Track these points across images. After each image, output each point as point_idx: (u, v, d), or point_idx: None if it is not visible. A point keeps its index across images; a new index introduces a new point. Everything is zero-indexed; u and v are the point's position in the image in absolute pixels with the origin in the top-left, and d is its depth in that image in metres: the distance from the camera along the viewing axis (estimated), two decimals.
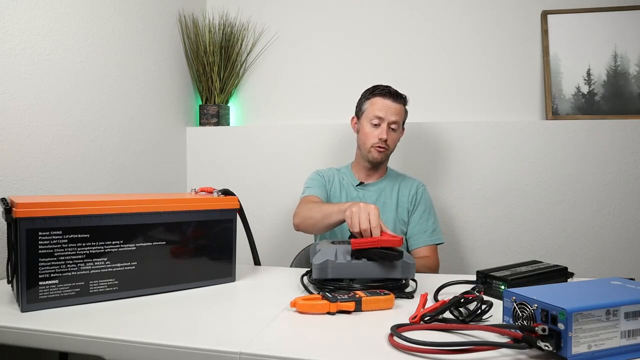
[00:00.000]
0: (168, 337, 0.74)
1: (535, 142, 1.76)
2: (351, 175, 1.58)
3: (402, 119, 1.50)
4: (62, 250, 0.89)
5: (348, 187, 1.55)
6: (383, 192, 1.53)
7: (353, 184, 1.56)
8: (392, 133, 1.47)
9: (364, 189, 1.54)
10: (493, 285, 0.98)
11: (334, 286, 0.97)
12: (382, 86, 1.50)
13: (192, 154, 2.06)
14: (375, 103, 1.46)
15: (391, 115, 1.45)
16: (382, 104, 1.45)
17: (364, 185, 1.55)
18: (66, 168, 1.39)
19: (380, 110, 1.45)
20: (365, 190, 1.54)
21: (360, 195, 1.53)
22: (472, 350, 0.66)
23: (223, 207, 1.10)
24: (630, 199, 1.70)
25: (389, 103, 1.45)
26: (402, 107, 1.49)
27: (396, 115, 1.46)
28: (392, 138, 1.48)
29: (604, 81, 1.78)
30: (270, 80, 2.12)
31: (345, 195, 1.53)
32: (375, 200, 1.51)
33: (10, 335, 0.80)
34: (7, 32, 1.20)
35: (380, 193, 1.53)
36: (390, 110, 1.45)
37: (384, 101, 1.46)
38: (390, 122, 1.45)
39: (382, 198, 1.52)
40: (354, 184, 1.55)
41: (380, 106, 1.45)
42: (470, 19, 1.94)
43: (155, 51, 1.81)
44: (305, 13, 2.09)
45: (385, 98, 1.46)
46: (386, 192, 1.53)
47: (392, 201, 1.52)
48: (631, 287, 0.74)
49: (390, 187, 1.54)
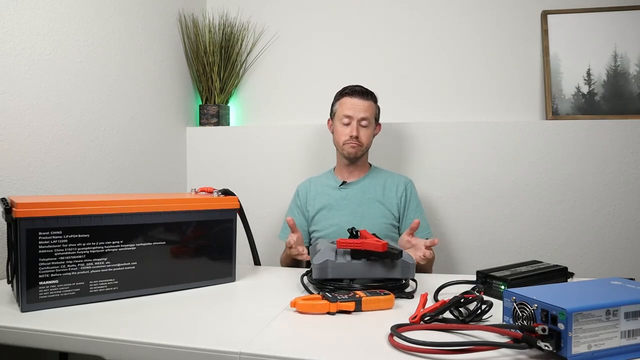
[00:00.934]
0: (168, 337, 0.74)
1: (535, 142, 1.76)
2: (333, 178, 1.61)
3: (372, 115, 1.54)
4: (62, 250, 0.89)
5: (328, 191, 1.58)
6: (367, 189, 1.55)
7: (335, 185, 1.58)
8: (363, 129, 1.51)
9: (347, 187, 1.56)
10: (493, 285, 0.98)
11: (334, 286, 0.97)
12: (350, 86, 1.56)
13: (192, 154, 2.06)
14: (344, 103, 1.52)
15: (359, 112, 1.50)
16: (350, 103, 1.51)
17: (346, 184, 1.57)
18: (66, 168, 1.39)
19: (348, 109, 1.50)
20: (349, 189, 1.56)
21: (344, 195, 1.54)
22: (472, 350, 0.66)
23: (223, 207, 1.10)
24: (630, 199, 1.70)
25: (356, 101, 1.51)
26: (370, 103, 1.53)
27: (365, 112, 1.50)
28: (364, 134, 1.51)
29: (604, 81, 1.78)
30: (270, 80, 2.12)
31: (326, 199, 1.56)
32: (361, 198, 1.53)
33: (10, 335, 0.80)
34: (7, 32, 1.20)
35: (365, 190, 1.55)
36: (358, 108, 1.50)
37: (351, 100, 1.51)
38: (359, 119, 1.50)
39: (368, 194, 1.54)
40: (337, 185, 1.58)
41: (349, 105, 1.51)
42: (470, 19, 1.94)
43: (155, 51, 1.81)
44: (305, 13, 2.09)
45: (353, 97, 1.52)
46: (370, 188, 1.55)
47: (378, 196, 1.54)
48: (631, 287, 0.74)
49: (375, 184, 1.56)
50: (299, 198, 1.62)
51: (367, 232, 1.08)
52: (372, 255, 0.99)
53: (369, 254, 0.99)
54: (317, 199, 1.58)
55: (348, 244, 1.01)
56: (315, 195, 1.58)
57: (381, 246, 0.97)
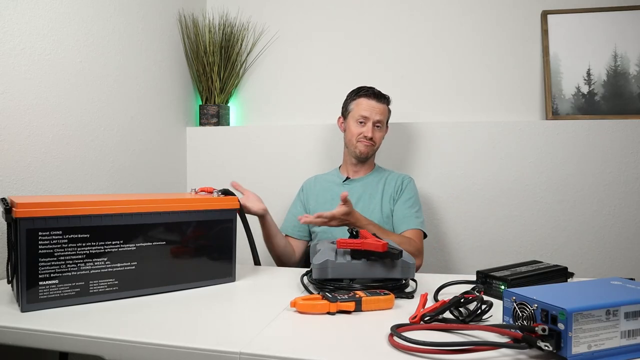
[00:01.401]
0: (168, 337, 0.74)
1: (535, 142, 1.76)
2: (337, 175, 1.66)
3: (385, 118, 1.59)
4: (62, 250, 0.89)
5: (332, 186, 1.62)
6: (369, 185, 1.60)
7: (339, 181, 1.63)
8: (377, 131, 1.56)
9: (350, 183, 1.61)
10: (493, 285, 0.98)
11: (334, 286, 0.97)
12: (366, 87, 1.59)
13: (192, 154, 2.06)
14: (361, 103, 1.55)
15: (376, 114, 1.54)
16: (367, 104, 1.55)
17: (350, 180, 1.62)
18: (66, 168, 1.39)
19: (365, 110, 1.54)
20: (351, 185, 1.60)
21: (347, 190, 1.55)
22: (472, 350, 0.66)
23: (223, 207, 1.10)
24: (630, 199, 1.70)
25: (373, 103, 1.54)
26: (385, 106, 1.58)
27: (380, 115, 1.55)
28: (377, 136, 1.57)
29: (604, 81, 1.78)
30: (270, 80, 2.12)
31: (329, 194, 1.60)
32: (362, 193, 1.57)
33: (10, 335, 0.80)
34: (7, 32, 1.20)
35: (366, 187, 1.59)
36: (374, 110, 1.54)
37: (369, 101, 1.55)
38: (375, 121, 1.54)
39: (369, 190, 1.58)
40: (341, 181, 1.62)
41: (366, 106, 1.54)
42: (470, 19, 1.94)
43: (155, 51, 1.81)
44: (305, 13, 2.09)
45: (370, 99, 1.55)
46: (372, 185, 1.59)
47: (378, 193, 1.57)
48: (631, 287, 0.74)
49: (377, 181, 1.60)
50: (303, 193, 1.67)
51: (367, 232, 1.08)
52: (372, 255, 0.99)
53: (369, 254, 0.99)
54: (320, 194, 1.62)
55: (348, 244, 1.01)
56: (319, 191, 1.63)
57: (381, 246, 0.97)
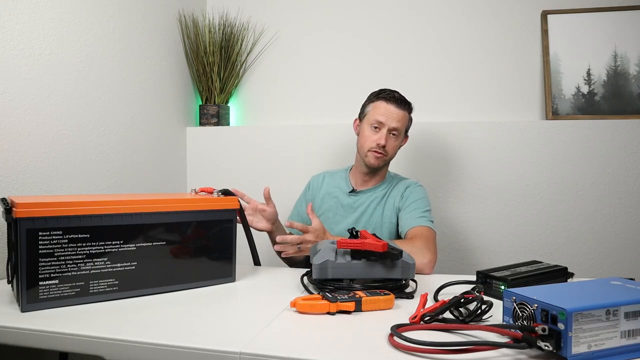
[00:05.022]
0: (168, 337, 0.74)
1: (535, 142, 1.76)
2: (346, 182, 1.55)
3: (404, 126, 1.45)
4: (62, 250, 0.89)
5: (337, 193, 1.53)
6: (375, 198, 1.49)
7: (346, 190, 1.53)
8: (391, 139, 1.43)
9: (357, 195, 1.51)
10: (493, 285, 0.98)
11: (334, 286, 0.97)
12: (388, 90, 1.45)
13: (192, 154, 2.06)
14: (378, 107, 1.42)
15: (392, 121, 1.40)
16: (384, 109, 1.41)
17: (356, 192, 1.52)
18: (66, 168, 1.39)
19: (381, 115, 1.41)
20: (358, 197, 1.51)
21: (351, 202, 1.51)
22: (472, 350, 0.66)
23: (223, 207, 1.10)
24: (630, 199, 1.70)
25: (392, 108, 1.41)
26: (405, 113, 1.43)
27: (398, 122, 1.41)
28: (391, 145, 1.43)
29: (604, 81, 1.78)
30: (270, 80, 2.12)
31: (333, 202, 1.52)
32: (367, 206, 1.48)
33: (10, 335, 0.80)
34: (7, 32, 1.20)
35: (373, 199, 1.49)
36: (392, 116, 1.40)
37: (387, 106, 1.41)
38: (391, 128, 1.41)
39: (374, 203, 1.48)
40: (348, 191, 1.53)
41: (383, 111, 1.41)
42: (470, 19, 1.94)
43: (155, 51, 1.81)
44: (305, 13, 2.09)
45: (389, 103, 1.41)
46: (377, 199, 1.49)
47: (380, 207, 1.48)
48: (631, 287, 0.74)
49: (384, 193, 1.49)
50: (309, 191, 1.59)
51: (367, 232, 1.08)
52: (372, 256, 0.99)
53: (369, 254, 0.99)
54: (325, 199, 1.54)
55: (348, 244, 1.01)
56: (325, 196, 1.55)
57: (381, 246, 0.97)
